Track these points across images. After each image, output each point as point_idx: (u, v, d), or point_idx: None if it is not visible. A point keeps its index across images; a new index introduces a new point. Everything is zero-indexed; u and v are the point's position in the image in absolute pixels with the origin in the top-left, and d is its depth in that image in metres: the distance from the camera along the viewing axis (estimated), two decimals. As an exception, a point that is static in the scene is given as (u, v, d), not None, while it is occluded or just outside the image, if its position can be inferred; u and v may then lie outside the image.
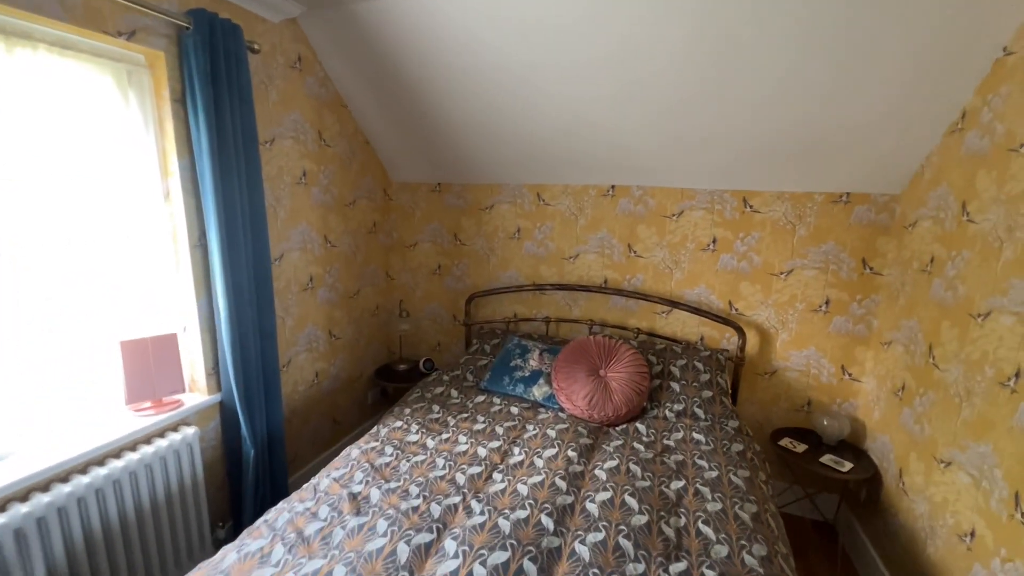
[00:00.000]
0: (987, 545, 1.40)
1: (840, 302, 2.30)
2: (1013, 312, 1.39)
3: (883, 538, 1.98)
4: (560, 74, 2.03)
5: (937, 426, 1.70)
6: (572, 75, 2.02)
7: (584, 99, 2.12)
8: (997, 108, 1.55)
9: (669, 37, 1.76)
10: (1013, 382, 1.36)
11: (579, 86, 2.06)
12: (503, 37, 1.93)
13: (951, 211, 1.75)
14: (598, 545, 1.30)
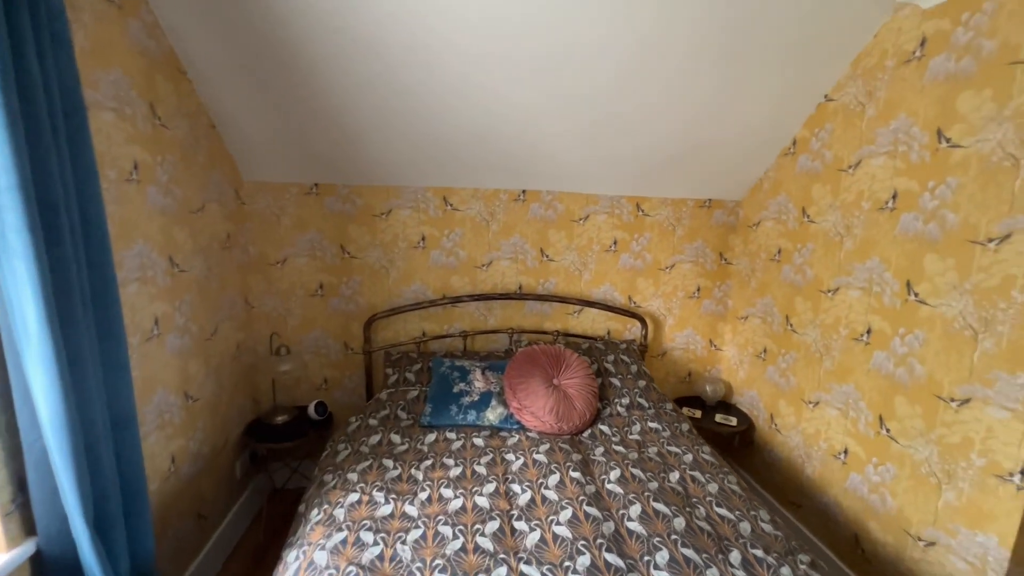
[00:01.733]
0: (860, 458, 1.92)
1: (707, 288, 2.81)
2: (858, 287, 1.94)
3: (762, 470, 2.53)
4: (485, 72, 1.85)
5: (802, 376, 2.25)
6: (499, 74, 1.87)
7: (508, 102, 2.00)
8: (824, 139, 2.12)
9: (589, 45, 1.79)
10: (866, 337, 1.90)
11: (505, 87, 1.93)
12: (418, 17, 1.64)
13: (792, 214, 2.32)
14: (671, 564, 1.26)
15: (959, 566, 1.53)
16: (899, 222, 1.76)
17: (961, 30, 1.54)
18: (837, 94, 2.06)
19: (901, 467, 1.74)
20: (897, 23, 1.77)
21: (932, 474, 1.62)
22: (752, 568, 1.29)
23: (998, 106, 1.43)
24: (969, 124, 1.51)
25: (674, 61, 1.88)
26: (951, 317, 1.57)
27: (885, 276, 1.81)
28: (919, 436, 1.67)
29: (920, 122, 1.68)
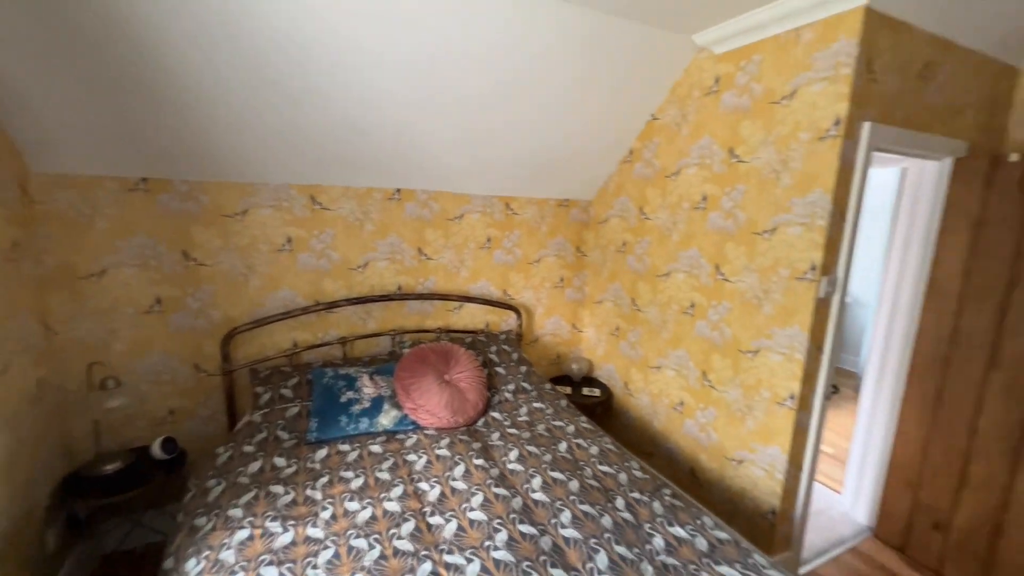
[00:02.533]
0: (691, 406, 2.43)
1: (568, 278, 3.17)
2: (684, 271, 2.43)
3: (621, 431, 2.98)
4: (360, 63, 1.81)
5: (647, 347, 2.72)
6: (375, 69, 1.85)
7: (383, 98, 1.98)
8: (653, 151, 2.58)
9: (466, 51, 1.92)
10: (691, 311, 2.40)
11: (381, 82, 1.92)
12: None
13: (632, 212, 2.77)
14: (574, 521, 1.45)
15: (758, 473, 2.08)
16: (708, 219, 2.26)
17: (741, 74, 2.05)
18: (661, 115, 2.52)
19: (719, 408, 2.26)
20: (699, 63, 2.26)
21: (739, 409, 2.15)
22: (633, 508, 1.56)
23: (765, 133, 1.96)
24: (749, 145, 2.03)
25: (538, 79, 2.09)
26: (744, 290, 2.09)
27: (701, 261, 2.31)
28: (729, 382, 2.19)
29: (719, 141, 2.18)
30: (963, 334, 2.03)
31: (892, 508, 2.32)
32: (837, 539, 2.37)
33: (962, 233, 2.01)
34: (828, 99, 1.72)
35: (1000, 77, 2.15)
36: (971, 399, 2.01)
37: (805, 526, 2.12)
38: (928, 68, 1.86)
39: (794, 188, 1.86)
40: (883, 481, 2.37)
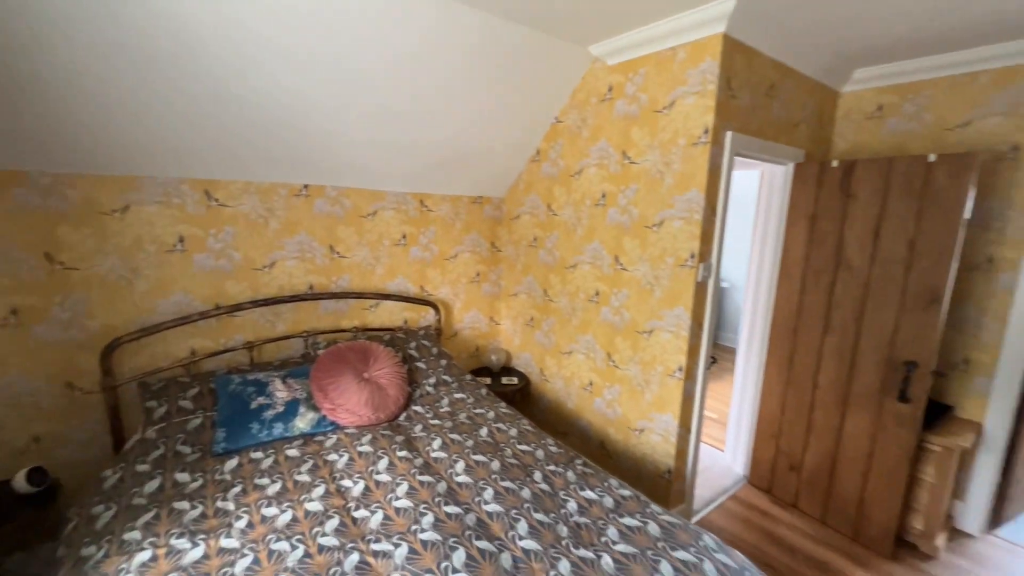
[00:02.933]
0: (599, 385, 2.67)
1: (484, 273, 3.27)
2: (588, 262, 2.66)
3: (539, 415, 3.16)
4: (267, 56, 1.76)
5: (559, 335, 2.93)
6: (277, 59, 1.79)
7: (286, 88, 1.92)
8: (558, 151, 2.78)
9: (394, 46, 1.96)
10: (596, 298, 2.64)
11: (284, 73, 1.86)
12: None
13: (541, 209, 2.95)
14: (496, 496, 1.56)
15: (656, 439, 2.35)
16: (608, 215, 2.50)
17: (630, 84, 2.30)
18: (564, 118, 2.71)
19: (623, 385, 2.51)
20: (594, 72, 2.48)
21: (639, 384, 2.42)
22: (550, 479, 1.70)
23: (651, 138, 2.22)
24: (638, 149, 2.29)
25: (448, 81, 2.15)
26: (639, 278, 2.35)
27: (603, 253, 2.55)
28: (630, 361, 2.45)
29: (613, 145, 2.42)
30: (806, 308, 2.48)
31: (761, 457, 2.76)
32: (721, 489, 2.76)
33: (802, 225, 2.46)
34: (699, 111, 2.01)
35: (826, 98, 2.64)
36: (812, 360, 2.46)
37: (695, 481, 2.45)
38: (773, 88, 2.24)
39: (675, 187, 2.14)
40: (753, 436, 2.80)
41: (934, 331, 2.03)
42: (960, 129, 2.33)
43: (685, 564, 1.31)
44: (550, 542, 1.37)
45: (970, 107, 2.29)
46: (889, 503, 2.21)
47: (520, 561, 1.30)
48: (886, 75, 2.51)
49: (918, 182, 2.03)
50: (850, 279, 2.28)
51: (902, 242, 2.10)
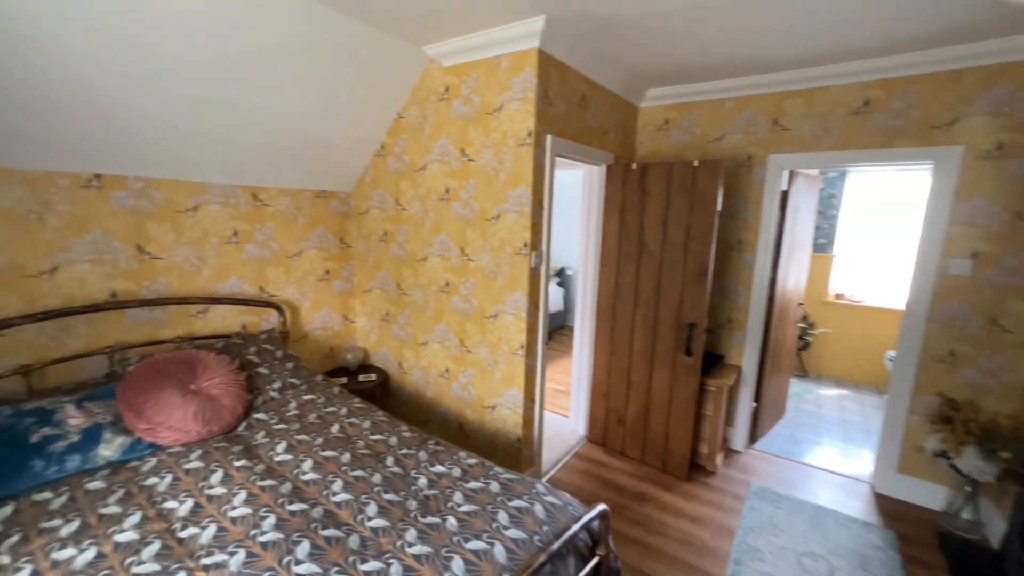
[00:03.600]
0: (455, 371, 2.82)
1: (335, 270, 3.17)
2: (437, 255, 2.78)
3: (400, 407, 3.20)
4: (54, 20, 1.48)
5: (415, 327, 3.00)
6: (76, 28, 1.53)
7: (94, 67, 1.65)
8: (403, 147, 2.82)
9: (205, 31, 1.81)
10: (446, 288, 2.77)
11: (85, 45, 1.59)
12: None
13: (390, 203, 2.98)
14: (346, 487, 1.59)
15: (506, 413, 2.59)
16: (452, 209, 2.64)
17: (464, 87, 2.46)
18: (406, 113, 2.77)
19: (475, 368, 2.70)
20: (431, 72, 2.58)
21: (488, 365, 2.62)
22: (401, 462, 1.78)
23: (485, 138, 2.41)
24: (475, 147, 2.47)
25: (278, 68, 2.04)
26: (483, 267, 2.55)
27: (450, 245, 2.69)
28: (480, 344, 2.65)
29: (453, 142, 2.56)
30: (621, 287, 2.96)
31: (596, 416, 3.22)
32: (567, 450, 3.15)
33: (614, 218, 2.93)
34: (522, 115, 2.26)
35: (628, 111, 3.17)
36: (628, 330, 2.96)
37: (542, 446, 2.76)
38: (584, 99, 2.62)
39: (508, 183, 2.37)
40: (589, 399, 3.26)
41: (704, 299, 2.62)
42: (717, 142, 3.02)
43: (519, 510, 1.52)
44: (399, 517, 1.46)
45: (721, 125, 2.99)
46: (684, 437, 2.80)
47: (368, 540, 1.36)
48: (669, 95, 3.11)
49: (689, 182, 2.59)
50: (649, 261, 2.80)
51: (681, 230, 2.65)
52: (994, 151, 2.27)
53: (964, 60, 2.26)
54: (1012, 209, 2.26)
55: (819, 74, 2.59)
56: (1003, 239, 2.29)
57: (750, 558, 2.19)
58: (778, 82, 2.73)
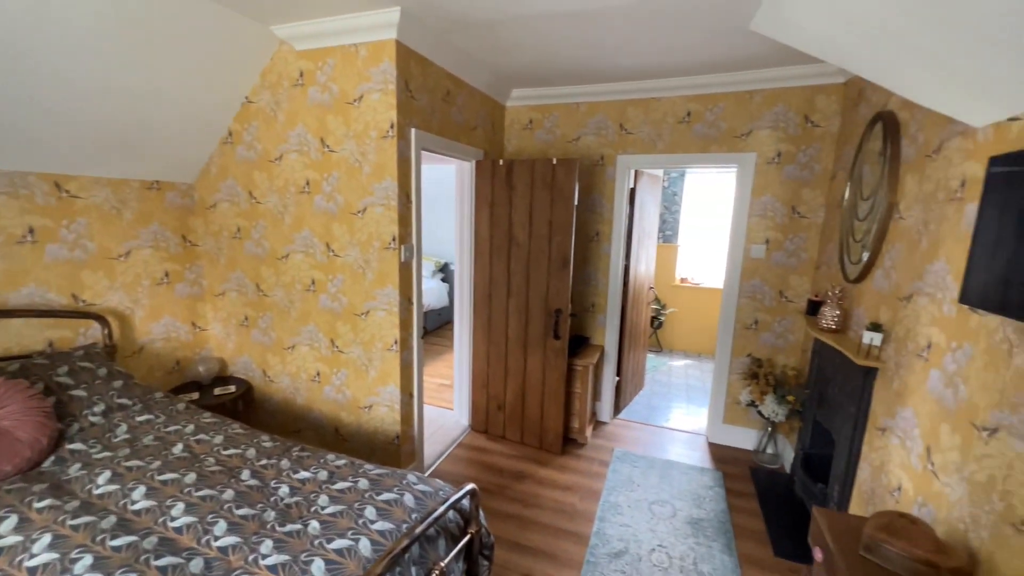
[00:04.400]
0: (327, 374, 2.68)
1: (177, 272, 2.79)
2: (300, 251, 2.61)
3: (267, 418, 2.94)
4: None
5: (279, 330, 2.78)
6: None
7: None
8: (254, 134, 2.58)
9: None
10: (313, 287, 2.62)
11: None
12: None
13: (242, 196, 2.71)
14: (188, 509, 1.43)
15: (384, 411, 2.55)
16: (314, 202, 2.50)
17: (320, 73, 2.33)
18: (255, 98, 2.53)
19: (349, 368, 2.60)
20: (283, 55, 2.40)
21: (363, 364, 2.55)
22: (260, 473, 1.66)
23: (347, 128, 2.32)
24: (336, 138, 2.36)
25: (95, 30, 1.72)
26: (352, 262, 2.46)
27: (314, 241, 2.54)
28: (352, 343, 2.55)
29: (311, 131, 2.42)
30: (494, 278, 3.09)
31: (477, 406, 3.32)
32: (451, 441, 3.20)
33: (485, 211, 3.03)
34: (384, 107, 2.22)
35: (495, 109, 3.30)
36: (503, 318, 3.10)
37: (423, 440, 2.77)
38: (449, 95, 2.66)
39: (373, 176, 2.32)
40: (471, 389, 3.34)
41: (567, 286, 2.86)
42: (575, 142, 3.30)
43: (388, 502, 1.52)
44: (254, 531, 1.36)
45: (577, 127, 3.27)
46: (557, 414, 3.03)
47: (214, 560, 1.25)
48: (532, 97, 3.31)
49: (549, 178, 2.80)
50: (519, 252, 2.97)
51: (545, 222, 2.85)
52: (775, 158, 2.85)
53: (754, 83, 2.79)
54: (789, 204, 2.86)
55: (652, 86, 2.98)
56: (784, 228, 2.89)
57: (612, 513, 2.46)
58: (621, 91, 3.07)
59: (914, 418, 1.59)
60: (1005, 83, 1.17)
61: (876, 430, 1.85)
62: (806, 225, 2.85)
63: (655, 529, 2.35)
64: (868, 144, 2.15)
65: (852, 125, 2.47)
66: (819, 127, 2.74)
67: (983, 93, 1.27)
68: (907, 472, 1.60)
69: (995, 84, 1.20)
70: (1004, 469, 1.16)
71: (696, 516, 2.46)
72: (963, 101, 1.35)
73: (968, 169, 1.43)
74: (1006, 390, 1.18)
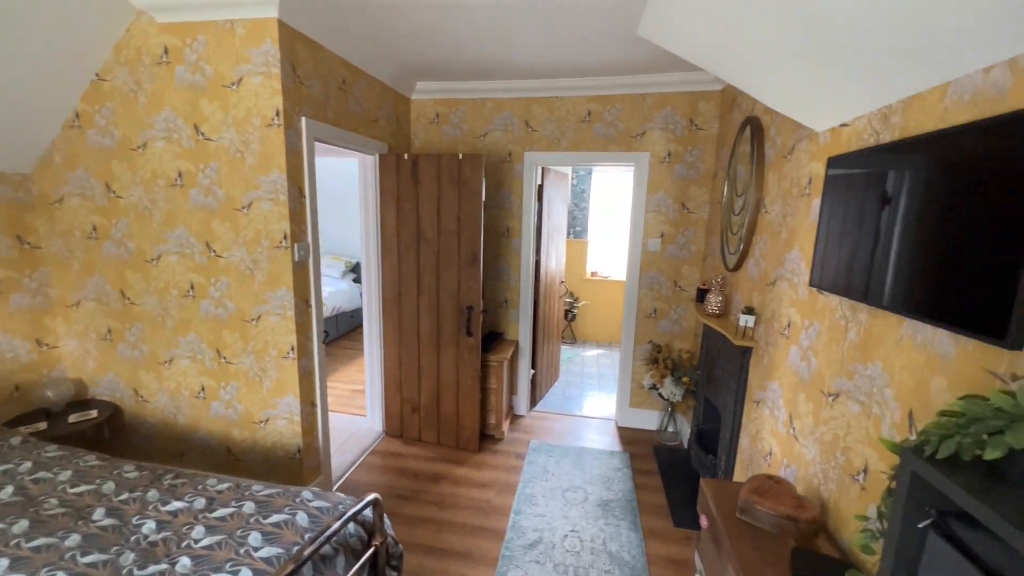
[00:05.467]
0: (214, 388, 2.40)
1: (11, 280, 2.32)
2: (175, 252, 2.30)
3: (142, 443, 2.57)
4: None
5: (153, 342, 2.44)
6: None
7: None
8: (109, 117, 2.23)
9: None
10: (192, 292, 2.33)
11: None
12: None
13: (98, 190, 2.33)
14: (14, 564, 1.18)
15: (282, 424, 2.34)
16: (190, 196, 2.22)
17: (189, 51, 2.07)
18: (108, 76, 2.18)
19: (239, 380, 2.35)
20: (143, 27, 2.10)
21: (256, 375, 2.32)
22: (119, 510, 1.43)
23: (224, 114, 2.09)
24: (212, 124, 2.11)
25: None
26: (237, 263, 2.22)
27: (191, 240, 2.26)
28: (242, 353, 2.31)
29: (182, 116, 2.14)
30: (404, 275, 2.98)
31: (391, 410, 3.19)
32: (363, 449, 3.04)
33: (392, 207, 2.91)
34: (267, 92, 2.03)
35: (400, 102, 3.18)
36: (414, 317, 3.01)
37: (330, 451, 2.59)
38: (346, 83, 2.51)
39: (258, 168, 2.11)
40: (384, 393, 3.21)
41: (478, 282, 2.84)
42: (482, 138, 3.29)
43: (277, 525, 1.38)
44: (106, 578, 1.17)
45: (484, 124, 3.26)
46: (472, 412, 3.00)
47: (49, 620, 1.05)
48: (438, 90, 3.24)
49: (456, 173, 2.75)
50: (428, 249, 2.89)
51: (453, 218, 2.81)
52: (667, 157, 3.06)
53: (646, 87, 2.97)
54: (679, 201, 3.10)
55: (556, 85, 3.06)
56: (676, 223, 3.13)
57: (527, 505, 2.50)
58: (526, 89, 3.11)
59: (779, 389, 1.79)
60: (838, 93, 1.35)
61: (752, 403, 2.06)
62: (694, 220, 3.10)
63: (568, 515, 2.42)
64: (740, 146, 2.38)
65: (728, 128, 2.73)
66: (702, 130, 2.99)
67: (821, 102, 1.45)
68: (776, 438, 1.80)
69: (830, 93, 1.38)
70: (844, 428, 1.35)
71: (606, 498, 2.58)
72: (807, 108, 1.54)
73: (813, 168, 1.63)
74: (844, 360, 1.37)
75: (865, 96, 1.27)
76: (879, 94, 1.23)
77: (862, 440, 1.26)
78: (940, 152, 0.98)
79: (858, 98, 1.30)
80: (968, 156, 0.90)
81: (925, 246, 0.99)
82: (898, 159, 1.11)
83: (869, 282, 1.18)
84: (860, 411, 1.28)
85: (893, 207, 1.11)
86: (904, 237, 1.06)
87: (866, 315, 1.28)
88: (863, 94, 1.27)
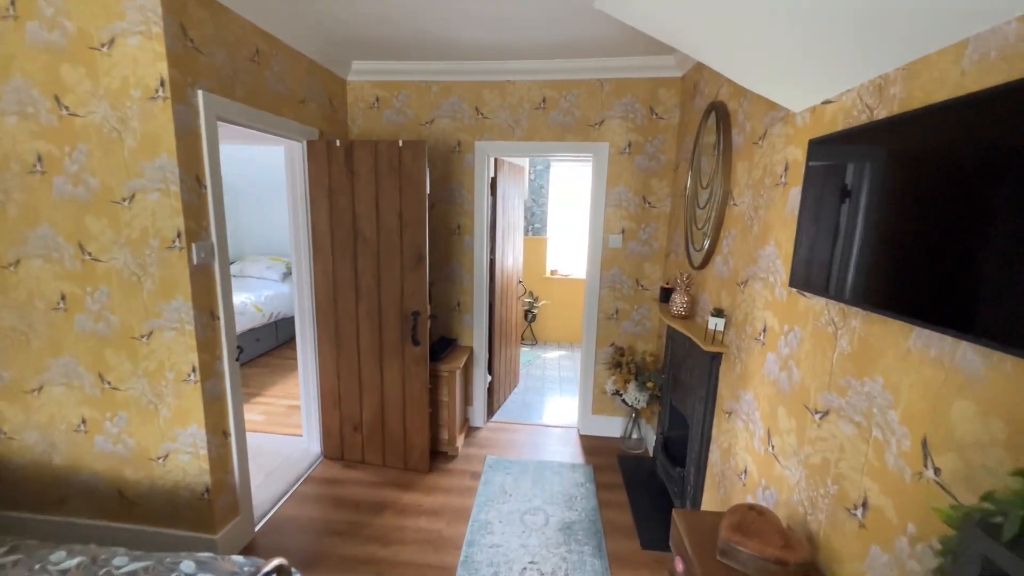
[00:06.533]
0: (97, 420, 1.98)
1: None
2: (39, 256, 1.87)
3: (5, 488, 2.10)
4: None
5: (16, 367, 1.98)
6: None
7: None
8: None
9: None
10: (63, 304, 1.90)
11: None
12: None
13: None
14: None
15: (185, 459, 1.95)
16: (54, 186, 1.79)
17: (44, 3, 1.65)
18: (-62, 32, 1.72)
19: (129, 409, 1.94)
20: (-20, -30, 1.65)
21: (150, 402, 1.92)
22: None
23: (94, 83, 1.68)
24: (78, 96, 1.70)
25: None
26: (120, 268, 1.82)
27: (59, 241, 1.83)
28: (132, 376, 1.91)
29: (39, 86, 1.71)
30: (339, 280, 2.63)
31: (330, 429, 2.84)
32: (296, 477, 2.67)
33: (323, 201, 2.56)
34: (148, 57, 1.64)
35: (334, 83, 2.81)
36: (352, 326, 2.67)
37: (249, 486, 2.21)
38: (260, 55, 2.13)
39: (140, 151, 1.72)
40: (320, 410, 2.84)
41: (424, 285, 2.54)
42: (428, 125, 2.98)
43: (140, 614, 1.05)
44: None
45: (431, 109, 2.96)
46: (421, 428, 2.70)
47: None
48: (376, 71, 2.90)
49: (396, 162, 2.44)
50: (366, 249, 2.56)
51: (394, 214, 2.49)
52: (627, 148, 2.87)
53: (603, 72, 2.76)
54: (640, 194, 2.92)
55: (507, 68, 2.80)
56: (638, 218, 2.95)
57: (482, 535, 2.23)
58: (475, 71, 2.83)
59: (755, 401, 1.61)
60: (822, 62, 1.16)
61: (724, 413, 1.89)
62: (656, 215, 2.93)
63: (527, 544, 2.17)
64: (704, 136, 2.21)
65: (690, 117, 2.57)
66: (663, 119, 2.82)
67: (802, 74, 1.26)
68: (752, 455, 1.63)
69: (812, 63, 1.19)
70: (836, 452, 1.16)
71: (568, 520, 2.35)
72: (784, 83, 1.35)
73: (790, 154, 1.46)
74: (834, 372, 1.19)
75: (855, 64, 1.09)
76: (874, 60, 1.04)
77: (859, 468, 1.08)
78: (960, 122, 0.80)
79: (846, 68, 1.12)
80: (1006, 126, 0.71)
81: (937, 243, 0.81)
82: (903, 135, 0.93)
83: (868, 283, 0.99)
84: (856, 434, 1.09)
85: (897, 194, 0.92)
86: (913, 231, 0.87)
87: (860, 321, 1.10)
88: (853, 62, 1.09)
